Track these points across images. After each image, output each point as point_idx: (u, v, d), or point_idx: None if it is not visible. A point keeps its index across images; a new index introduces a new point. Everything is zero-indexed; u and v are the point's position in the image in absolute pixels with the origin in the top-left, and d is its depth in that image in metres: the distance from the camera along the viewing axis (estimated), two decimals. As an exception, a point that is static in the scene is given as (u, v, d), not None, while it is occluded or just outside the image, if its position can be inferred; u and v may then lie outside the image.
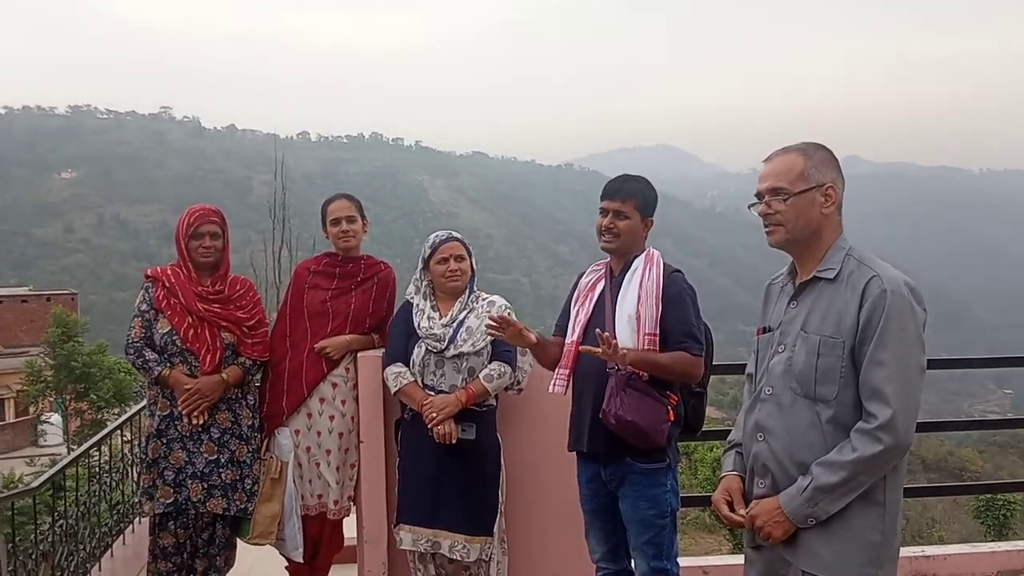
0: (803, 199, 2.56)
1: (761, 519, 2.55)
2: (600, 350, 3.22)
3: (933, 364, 5.79)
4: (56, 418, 33.84)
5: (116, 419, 7.00)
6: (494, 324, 3.58)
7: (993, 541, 10.04)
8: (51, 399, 34.95)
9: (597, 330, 3.28)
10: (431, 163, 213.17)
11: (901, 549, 5.00)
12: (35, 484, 5.23)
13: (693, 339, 3.44)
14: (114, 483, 6.47)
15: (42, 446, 31.82)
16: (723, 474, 2.79)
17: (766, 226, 2.63)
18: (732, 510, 2.68)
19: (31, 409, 36.04)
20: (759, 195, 2.64)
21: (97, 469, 6.29)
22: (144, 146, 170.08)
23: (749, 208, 2.66)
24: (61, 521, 5.40)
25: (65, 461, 5.57)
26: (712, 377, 3.92)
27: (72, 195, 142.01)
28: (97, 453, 6.25)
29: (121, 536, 6.35)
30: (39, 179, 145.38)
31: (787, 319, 2.64)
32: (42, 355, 34.75)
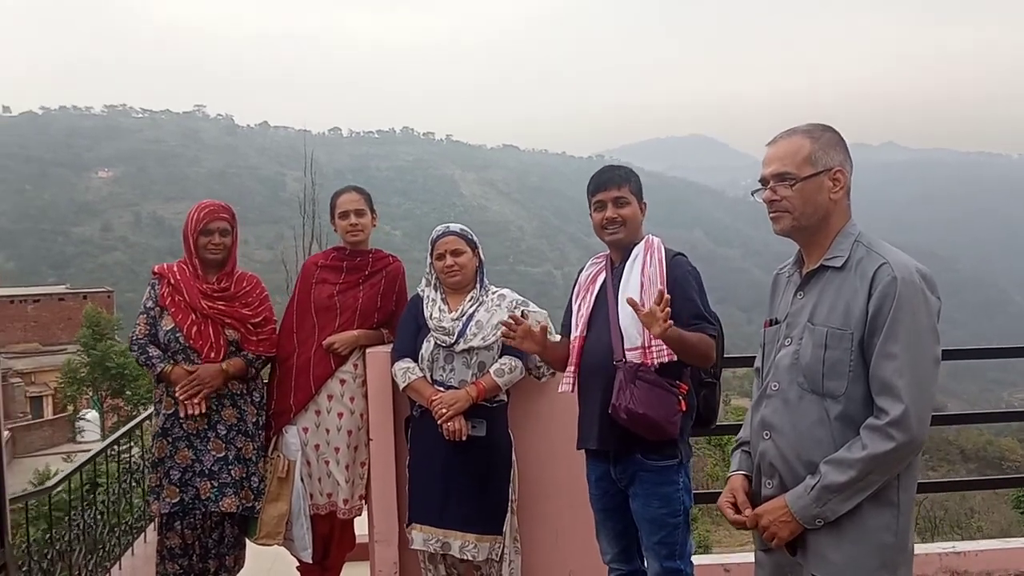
0: (811, 184, 2.43)
1: (766, 519, 2.43)
2: (648, 309, 3.04)
3: (973, 354, 5.66)
4: (93, 415, 34.32)
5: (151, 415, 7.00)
6: (508, 327, 3.47)
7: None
8: (88, 396, 35.43)
9: (661, 289, 3.13)
10: (462, 157, 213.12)
11: (931, 545, 4.88)
12: (49, 484, 5.22)
13: (705, 320, 3.32)
14: (135, 482, 6.47)
15: (79, 442, 32.24)
16: (729, 474, 2.67)
17: (771, 213, 2.50)
18: (739, 512, 2.55)
19: (69, 406, 36.57)
20: (763, 180, 2.51)
21: (116, 469, 6.28)
22: (179, 144, 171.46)
23: (753, 195, 2.54)
24: (79, 520, 5.39)
25: (75, 465, 5.54)
26: (742, 368, 3.78)
27: (109, 193, 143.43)
28: (115, 452, 6.24)
29: (143, 534, 6.35)
30: (76, 178, 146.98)
31: (794, 310, 2.51)
32: (79, 352, 35.23)
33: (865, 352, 2.32)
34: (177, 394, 4.04)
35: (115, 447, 6.16)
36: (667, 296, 3.06)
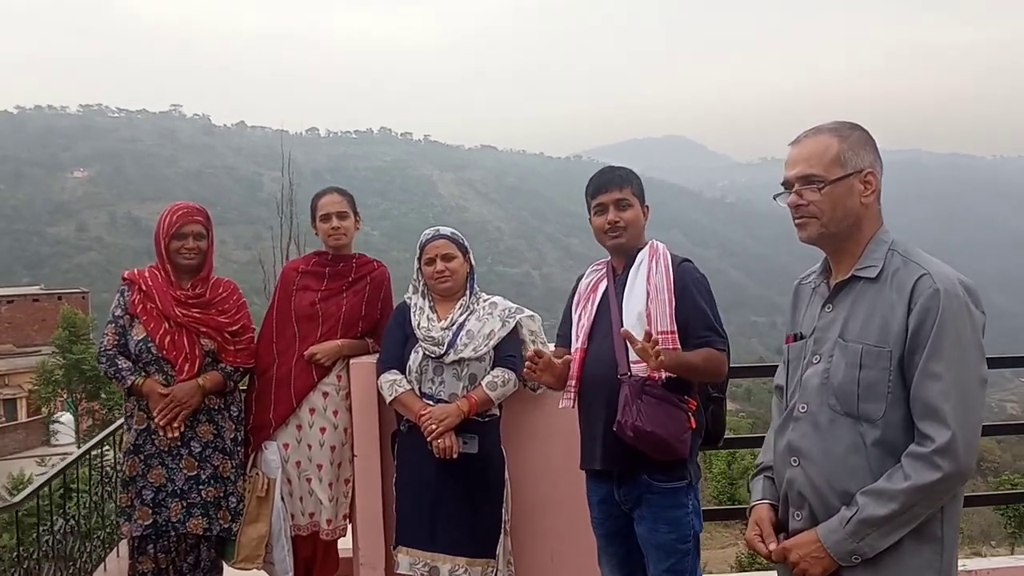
0: (840, 187, 2.22)
1: (796, 554, 2.21)
2: (640, 344, 2.87)
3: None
4: (67, 417, 33.90)
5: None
6: (531, 360, 3.19)
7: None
8: (63, 399, 35.01)
9: (647, 331, 2.94)
10: (440, 157, 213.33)
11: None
12: (16, 500, 4.97)
13: (715, 332, 3.12)
14: (106, 494, 6.22)
15: (54, 445, 31.80)
16: (752, 503, 2.44)
17: (796, 219, 2.27)
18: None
19: (43, 409, 36.12)
20: (787, 184, 2.29)
21: (89, 476, 6.04)
22: (155, 144, 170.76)
23: (775, 199, 2.32)
24: (48, 537, 5.14)
25: (44, 478, 5.29)
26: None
27: (84, 193, 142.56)
28: (87, 463, 6.00)
29: (115, 548, 6.10)
30: (52, 178, 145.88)
31: (821, 325, 2.29)
32: (53, 354, 34.84)
33: (905, 372, 2.11)
34: (156, 420, 3.79)
35: (89, 455, 5.92)
36: (655, 338, 2.90)
